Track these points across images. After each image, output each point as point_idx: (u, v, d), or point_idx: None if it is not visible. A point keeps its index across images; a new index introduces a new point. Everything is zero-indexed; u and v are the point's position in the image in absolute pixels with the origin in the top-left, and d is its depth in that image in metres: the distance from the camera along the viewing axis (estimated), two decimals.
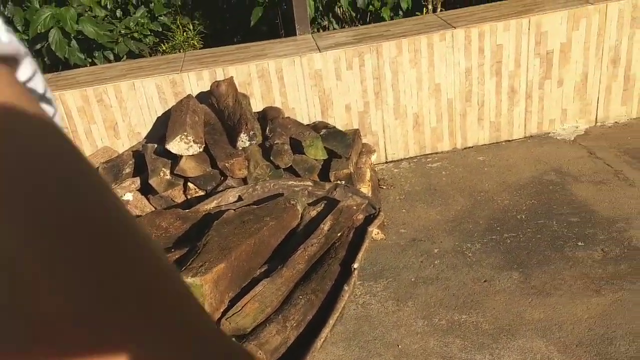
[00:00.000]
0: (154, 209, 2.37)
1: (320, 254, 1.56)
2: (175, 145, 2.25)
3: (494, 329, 2.02)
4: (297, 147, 2.50)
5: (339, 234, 1.63)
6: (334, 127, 2.73)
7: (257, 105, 2.97)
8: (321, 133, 2.56)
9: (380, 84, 3.08)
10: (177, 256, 1.53)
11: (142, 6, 3.78)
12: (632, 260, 2.23)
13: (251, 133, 2.35)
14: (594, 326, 1.97)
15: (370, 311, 2.10)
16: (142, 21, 3.61)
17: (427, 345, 1.99)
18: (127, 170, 2.54)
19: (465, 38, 3.02)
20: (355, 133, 2.82)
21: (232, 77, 2.84)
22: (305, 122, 2.99)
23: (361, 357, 1.90)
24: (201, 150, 2.29)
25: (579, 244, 2.37)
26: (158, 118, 2.99)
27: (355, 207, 1.72)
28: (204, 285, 1.29)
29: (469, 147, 3.31)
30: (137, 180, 2.39)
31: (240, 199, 2.00)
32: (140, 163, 2.64)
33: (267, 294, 1.39)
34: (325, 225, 1.63)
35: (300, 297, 1.41)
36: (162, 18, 3.81)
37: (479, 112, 3.23)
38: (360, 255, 1.55)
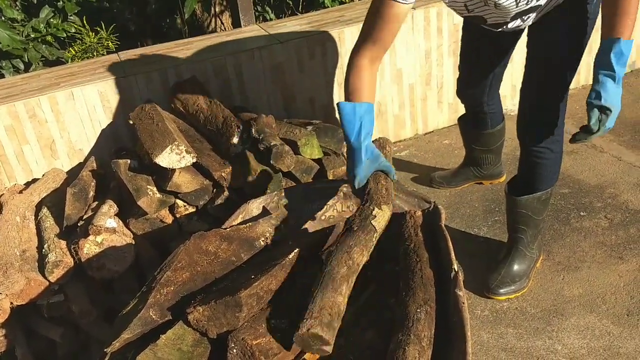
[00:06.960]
0: (136, 234, 2.03)
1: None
2: (166, 158, 1.92)
3: (541, 311, 1.96)
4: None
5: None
6: (319, 121, 2.52)
7: None
8: (309, 129, 2.35)
9: (344, 74, 2.91)
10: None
11: (47, 5, 3.28)
12: (639, 223, 2.29)
13: (244, 136, 2.09)
14: (634, 293, 1.98)
15: None
16: (54, 22, 3.12)
17: (481, 340, 1.88)
18: (91, 193, 2.15)
19: (424, 19, 2.95)
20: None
21: (194, 76, 2.53)
22: None
23: None
24: (194, 160, 1.98)
25: (582, 214, 2.39)
26: (103, 130, 2.59)
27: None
28: None
29: (430, 132, 3.26)
30: (114, 204, 2.03)
31: (265, 210, 1.74)
32: (99, 183, 2.26)
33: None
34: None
35: (419, 310, 1.23)
36: (73, 18, 3.33)
37: (438, 94, 3.18)
38: (453, 256, 1.39)
